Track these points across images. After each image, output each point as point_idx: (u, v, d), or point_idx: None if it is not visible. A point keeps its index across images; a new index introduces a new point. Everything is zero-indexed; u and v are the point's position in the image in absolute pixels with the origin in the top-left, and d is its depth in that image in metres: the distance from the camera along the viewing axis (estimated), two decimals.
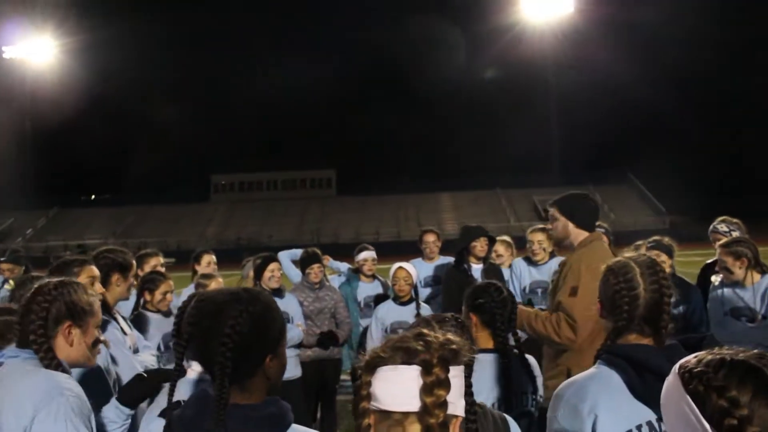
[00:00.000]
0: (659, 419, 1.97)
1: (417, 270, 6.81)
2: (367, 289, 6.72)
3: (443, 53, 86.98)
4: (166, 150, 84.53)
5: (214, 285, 5.63)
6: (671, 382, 1.30)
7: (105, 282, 3.74)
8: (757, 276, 4.73)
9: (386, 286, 6.92)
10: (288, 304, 5.95)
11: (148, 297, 5.13)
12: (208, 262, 6.48)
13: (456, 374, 1.44)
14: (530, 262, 6.54)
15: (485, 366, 2.75)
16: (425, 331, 1.48)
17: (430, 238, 7.11)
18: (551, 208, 4.16)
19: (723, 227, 5.82)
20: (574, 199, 4.19)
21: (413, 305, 5.75)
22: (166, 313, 5.19)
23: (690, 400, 1.23)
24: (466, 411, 2.01)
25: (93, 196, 74.40)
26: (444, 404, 1.37)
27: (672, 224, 51.51)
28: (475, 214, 59.64)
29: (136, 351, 4.19)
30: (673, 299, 2.18)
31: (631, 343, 2.12)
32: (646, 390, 1.98)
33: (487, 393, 2.60)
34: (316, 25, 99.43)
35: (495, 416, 2.22)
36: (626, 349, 2.08)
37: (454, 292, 6.26)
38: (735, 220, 5.88)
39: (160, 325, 5.08)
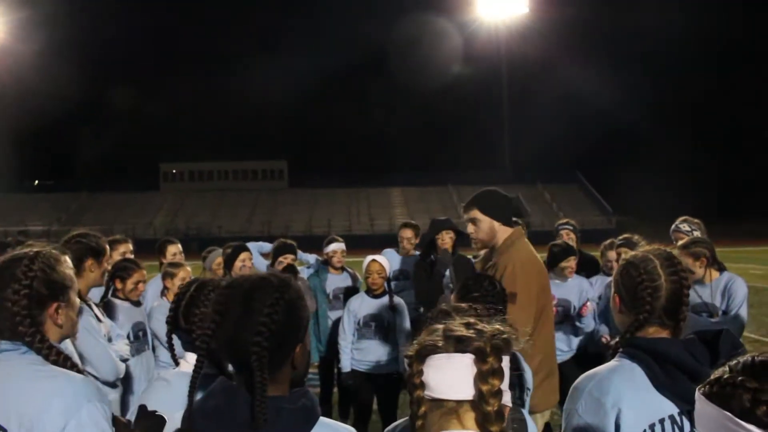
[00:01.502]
0: (681, 413, 1.98)
1: (390, 260, 6.83)
2: (336, 281, 6.67)
3: (399, 49, 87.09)
4: (116, 136, 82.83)
5: (182, 274, 5.52)
6: (702, 400, 1.27)
7: (78, 268, 3.58)
8: (715, 273, 4.87)
9: (355, 278, 6.89)
10: None
11: (119, 285, 5.00)
12: (173, 253, 6.30)
13: (507, 365, 1.44)
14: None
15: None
16: (472, 320, 1.47)
17: (408, 233, 6.97)
18: (470, 210, 3.95)
19: (685, 227, 5.96)
20: (491, 195, 4.03)
21: (386, 298, 5.73)
22: (136, 303, 5.08)
23: (734, 416, 1.21)
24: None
25: (36, 182, 72.24)
26: (499, 393, 1.37)
27: (618, 224, 52.56)
28: (426, 209, 60.07)
29: (110, 340, 4.09)
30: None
31: (654, 337, 2.13)
32: (670, 383, 1.99)
33: None
34: (273, 20, 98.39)
35: (513, 411, 2.22)
36: (648, 342, 2.08)
37: (424, 284, 6.28)
38: (696, 220, 6.01)
39: (130, 314, 4.95)
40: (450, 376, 1.39)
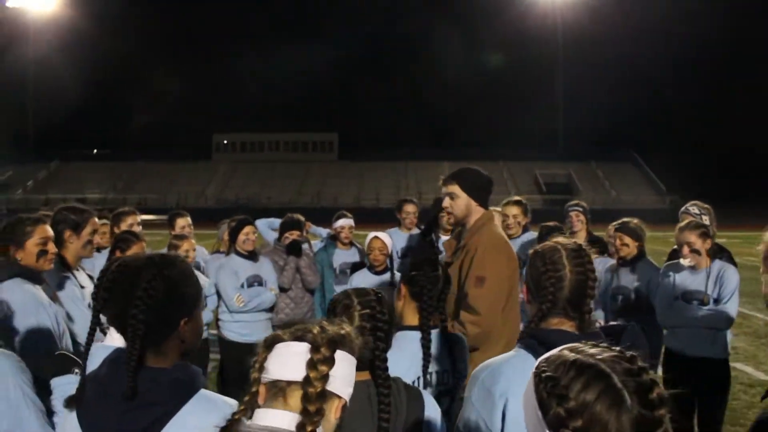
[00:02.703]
0: None
1: (393, 240, 6.88)
2: (343, 255, 6.74)
3: (451, 26, 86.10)
4: (170, 107, 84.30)
5: (186, 246, 5.69)
6: (530, 380, 1.31)
7: (59, 239, 3.72)
8: (708, 261, 4.81)
9: (364, 254, 6.94)
10: (261, 268, 6.00)
11: (119, 256, 5.17)
12: (182, 225, 6.46)
13: (344, 360, 1.52)
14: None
15: (407, 342, 2.76)
16: (326, 323, 1.57)
17: (410, 208, 7.12)
18: (450, 184, 3.91)
19: (695, 209, 5.88)
20: (474, 174, 4.00)
21: (387, 275, 5.78)
22: None
23: (537, 403, 1.25)
24: (379, 384, 2.07)
25: (95, 151, 74.16)
26: (325, 378, 1.44)
27: (672, 204, 51.40)
28: None
29: None
30: (600, 283, 2.18)
31: (552, 328, 2.11)
32: None
33: (406, 368, 2.60)
34: None
35: (410, 390, 2.26)
36: (545, 334, 2.06)
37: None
38: (706, 206, 5.93)
39: None
40: (285, 360, 1.48)
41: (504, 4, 71.57)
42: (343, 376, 1.52)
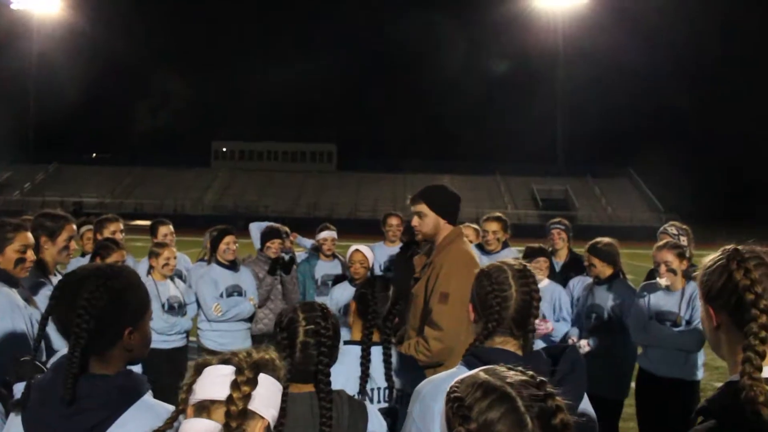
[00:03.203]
0: None
1: (376, 253, 6.92)
2: (325, 267, 6.79)
3: (451, 38, 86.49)
4: (170, 113, 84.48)
5: (166, 253, 5.74)
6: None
7: (36, 244, 3.76)
8: (684, 282, 4.84)
9: (346, 266, 6.98)
10: (242, 278, 6.04)
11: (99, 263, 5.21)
12: (164, 233, 6.52)
13: (267, 382, 1.56)
14: (483, 250, 6.56)
15: (348, 356, 2.84)
16: (253, 350, 1.63)
17: (394, 221, 7.15)
18: (418, 203, 3.94)
19: (672, 230, 5.94)
20: (441, 192, 4.03)
21: None
22: None
23: (445, 423, 1.29)
24: (321, 397, 2.11)
25: (94, 155, 74.22)
26: (247, 397, 1.49)
27: (668, 222, 51.43)
28: (473, 198, 59.66)
29: None
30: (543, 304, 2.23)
31: (494, 347, 2.15)
32: None
33: (343, 382, 2.66)
34: (327, 5, 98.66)
35: (354, 403, 2.30)
36: (486, 352, 2.10)
37: (402, 276, 6.34)
38: (684, 226, 5.99)
39: None
40: (211, 381, 1.53)
41: (504, 19, 71.97)
42: (266, 397, 1.56)
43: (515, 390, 1.26)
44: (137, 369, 5.43)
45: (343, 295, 5.81)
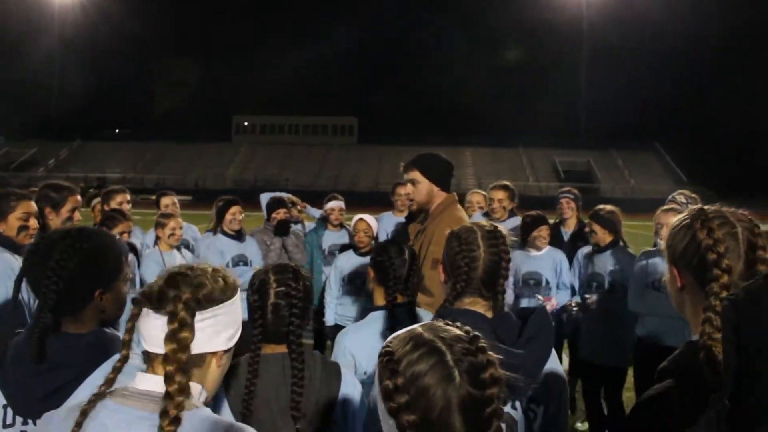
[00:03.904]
0: None
1: (384, 223, 6.92)
2: (332, 237, 6.79)
3: (475, 11, 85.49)
4: (192, 89, 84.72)
5: (172, 224, 5.77)
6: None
7: (41, 214, 3.84)
8: None
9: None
10: (247, 247, 6.07)
11: None
12: (166, 204, 6.55)
13: (210, 317, 1.52)
14: (489, 219, 6.56)
15: (375, 321, 2.85)
16: (180, 279, 1.53)
17: (402, 191, 7.12)
18: (411, 170, 3.91)
19: (681, 198, 5.84)
20: (434, 160, 4.00)
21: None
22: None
23: (378, 378, 1.28)
24: (293, 358, 2.13)
25: (117, 131, 74.78)
26: (185, 348, 1.44)
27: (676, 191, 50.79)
28: (495, 171, 59.45)
29: None
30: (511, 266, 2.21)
31: (462, 308, 2.13)
32: None
33: (371, 348, 2.66)
34: None
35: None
36: (453, 313, 2.04)
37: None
38: (693, 195, 5.89)
39: None
40: (149, 332, 1.50)
41: None
42: (213, 332, 1.52)
43: (445, 344, 1.25)
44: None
45: (347, 263, 5.82)
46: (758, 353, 1.39)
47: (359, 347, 2.76)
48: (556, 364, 2.12)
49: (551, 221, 7.00)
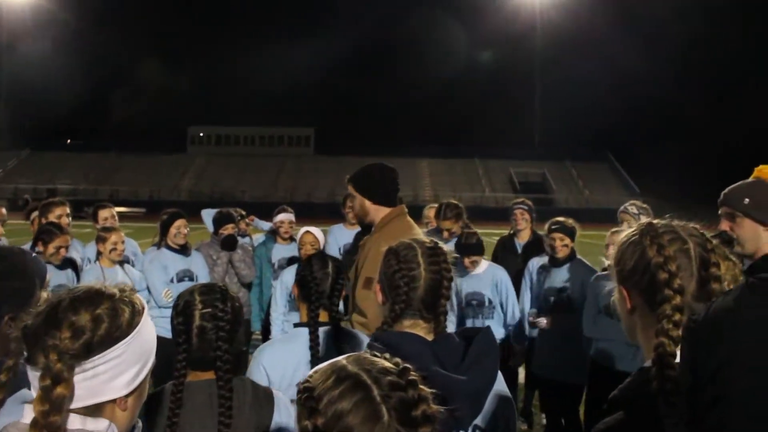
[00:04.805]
0: None
1: (336, 235, 6.78)
2: (282, 251, 6.63)
3: (430, 22, 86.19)
4: (145, 98, 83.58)
5: (114, 238, 5.55)
6: None
7: None
8: None
9: None
10: (193, 262, 5.87)
11: (41, 248, 5.04)
12: (105, 217, 6.29)
13: (103, 361, 1.32)
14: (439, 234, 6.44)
15: (293, 339, 2.69)
16: (62, 318, 1.32)
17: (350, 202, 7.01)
18: (348, 184, 3.78)
19: (633, 209, 5.82)
20: (369, 173, 3.77)
21: None
22: (59, 266, 5.12)
23: (296, 418, 1.15)
24: (220, 385, 1.97)
25: (68, 141, 73.24)
26: (59, 409, 1.25)
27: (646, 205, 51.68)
28: (451, 182, 59.82)
29: None
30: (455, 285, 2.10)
31: (399, 331, 1.98)
32: None
33: (295, 366, 2.53)
34: None
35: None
36: (388, 337, 1.93)
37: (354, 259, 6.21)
38: (644, 205, 5.87)
39: (50, 277, 5.01)
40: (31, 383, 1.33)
41: (484, 3, 71.72)
42: (108, 378, 1.33)
43: (371, 378, 1.12)
44: None
45: (291, 278, 5.67)
46: (713, 379, 1.31)
47: (274, 366, 2.59)
48: (502, 385, 2.00)
49: (506, 232, 6.97)
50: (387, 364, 1.16)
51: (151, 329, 1.44)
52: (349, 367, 1.15)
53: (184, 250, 5.84)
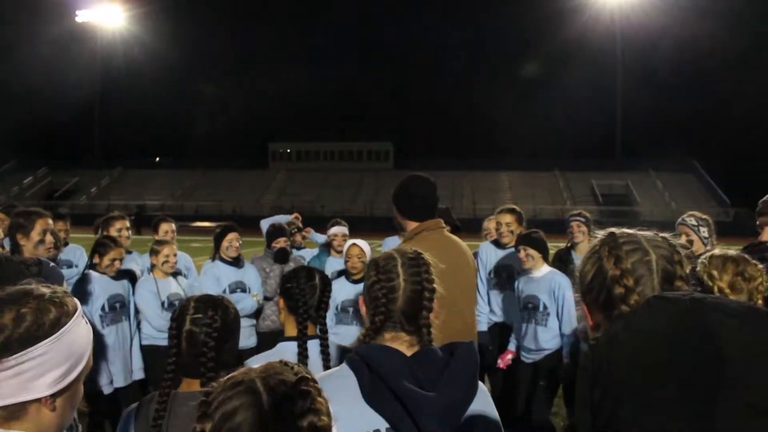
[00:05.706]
0: (389, 428, 1.81)
1: (390, 246, 6.77)
2: (335, 264, 6.65)
3: (505, 34, 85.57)
4: (229, 117, 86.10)
5: (166, 251, 5.73)
6: None
7: (12, 240, 3.92)
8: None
9: None
10: (245, 274, 5.99)
11: (97, 260, 5.26)
12: (165, 231, 6.50)
13: (24, 359, 1.34)
14: (498, 244, 6.39)
15: (279, 354, 2.66)
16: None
17: None
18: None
19: (692, 221, 5.58)
20: (402, 185, 3.68)
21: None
22: (115, 276, 5.32)
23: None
24: (202, 385, 1.99)
25: (157, 159, 76.08)
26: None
27: (736, 217, 49.62)
28: (532, 195, 58.93)
29: None
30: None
31: (379, 344, 1.94)
32: (377, 396, 1.81)
33: None
34: (380, 5, 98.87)
35: None
36: (367, 350, 1.90)
37: None
38: (705, 216, 5.62)
39: (106, 287, 5.24)
40: None
41: (560, 11, 70.60)
42: (31, 377, 1.35)
43: (265, 385, 1.12)
44: (139, 369, 5.46)
45: (340, 291, 5.66)
46: (605, 394, 1.25)
47: None
48: (486, 405, 1.93)
49: (563, 245, 6.83)
50: (287, 374, 1.16)
51: (83, 331, 1.46)
52: (250, 374, 1.15)
53: (236, 262, 5.98)
